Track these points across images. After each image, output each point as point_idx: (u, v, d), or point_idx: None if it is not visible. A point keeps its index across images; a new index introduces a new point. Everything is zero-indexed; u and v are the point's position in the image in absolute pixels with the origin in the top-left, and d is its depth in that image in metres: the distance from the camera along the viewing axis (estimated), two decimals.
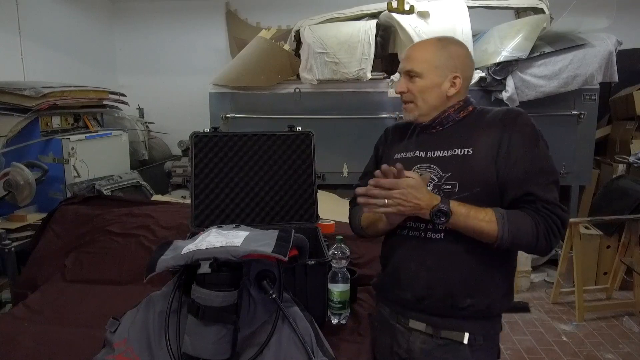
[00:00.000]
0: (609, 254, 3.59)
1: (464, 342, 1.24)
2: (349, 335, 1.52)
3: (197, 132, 1.85)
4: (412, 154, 1.33)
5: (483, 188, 1.20)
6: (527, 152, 1.19)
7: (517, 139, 1.20)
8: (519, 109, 1.29)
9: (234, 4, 5.10)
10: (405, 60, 1.31)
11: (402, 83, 1.31)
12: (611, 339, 2.98)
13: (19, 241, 2.55)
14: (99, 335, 1.28)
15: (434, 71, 1.27)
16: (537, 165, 1.19)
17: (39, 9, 4.00)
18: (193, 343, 1.09)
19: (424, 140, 1.33)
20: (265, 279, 1.19)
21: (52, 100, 3.13)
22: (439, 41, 1.31)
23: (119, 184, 3.40)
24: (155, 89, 5.12)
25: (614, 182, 3.77)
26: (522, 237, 1.16)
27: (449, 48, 1.30)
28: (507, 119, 1.23)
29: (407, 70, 1.30)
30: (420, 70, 1.27)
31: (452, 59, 1.28)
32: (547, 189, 1.18)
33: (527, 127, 1.22)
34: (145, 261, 1.21)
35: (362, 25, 3.69)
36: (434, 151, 1.29)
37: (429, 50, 1.29)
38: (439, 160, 1.27)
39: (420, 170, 1.28)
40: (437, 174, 1.26)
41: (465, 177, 1.22)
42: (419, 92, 1.29)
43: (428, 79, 1.27)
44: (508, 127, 1.21)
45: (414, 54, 1.31)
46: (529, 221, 1.16)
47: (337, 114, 3.77)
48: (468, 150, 1.24)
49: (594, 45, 3.51)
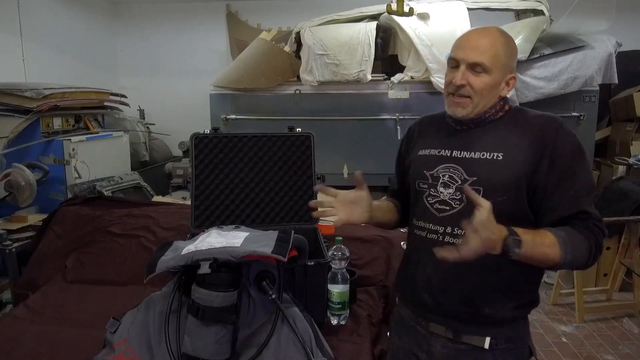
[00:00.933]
0: (609, 256, 3.59)
1: (485, 347, 1.19)
2: (348, 335, 1.52)
3: (198, 133, 1.86)
4: (436, 151, 1.25)
5: (509, 197, 1.13)
6: (576, 167, 1.13)
7: (563, 152, 1.12)
8: (560, 118, 1.19)
9: (235, 5, 5.11)
10: (471, 50, 1.15)
11: (463, 75, 1.16)
12: (611, 340, 2.98)
13: (20, 242, 2.56)
14: (99, 336, 1.28)
15: (501, 69, 1.17)
16: (586, 182, 1.14)
17: (40, 11, 4.02)
18: (193, 343, 1.09)
19: (450, 138, 1.24)
20: (264, 279, 1.20)
21: (53, 101, 3.14)
22: (502, 34, 1.18)
23: (119, 185, 3.41)
24: (156, 91, 5.14)
25: (614, 183, 3.77)
26: (579, 258, 1.10)
27: (509, 44, 1.19)
28: (549, 129, 1.15)
29: (474, 62, 1.15)
30: (490, 65, 1.14)
31: (512, 57, 1.20)
32: (593, 205, 1.13)
33: (572, 139, 1.15)
34: (145, 262, 1.21)
35: (362, 27, 3.70)
36: (461, 151, 1.20)
37: (497, 45, 1.16)
38: (464, 162, 1.19)
39: (443, 170, 1.21)
40: (460, 176, 1.18)
41: (492, 183, 1.14)
42: (481, 89, 1.16)
43: (494, 77, 1.16)
44: (550, 137, 1.13)
45: (482, 45, 1.15)
46: (584, 240, 1.10)
47: (337, 115, 3.77)
48: (498, 155, 1.15)
49: (593, 47, 3.52)
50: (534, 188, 1.13)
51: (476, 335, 1.20)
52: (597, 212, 1.13)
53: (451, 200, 1.19)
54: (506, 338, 1.21)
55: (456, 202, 1.19)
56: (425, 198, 1.24)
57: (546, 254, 1.06)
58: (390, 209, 1.40)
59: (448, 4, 3.68)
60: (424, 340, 1.27)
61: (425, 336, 1.27)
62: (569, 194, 1.11)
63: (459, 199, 1.18)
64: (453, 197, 1.19)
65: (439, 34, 3.53)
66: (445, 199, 1.20)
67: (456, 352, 1.22)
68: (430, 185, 1.23)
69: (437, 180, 1.22)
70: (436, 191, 1.22)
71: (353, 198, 1.22)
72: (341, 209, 1.21)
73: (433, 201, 1.22)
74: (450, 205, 1.19)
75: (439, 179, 1.22)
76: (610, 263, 3.55)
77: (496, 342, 1.19)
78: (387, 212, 1.39)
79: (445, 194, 1.20)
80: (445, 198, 1.20)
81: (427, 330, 1.27)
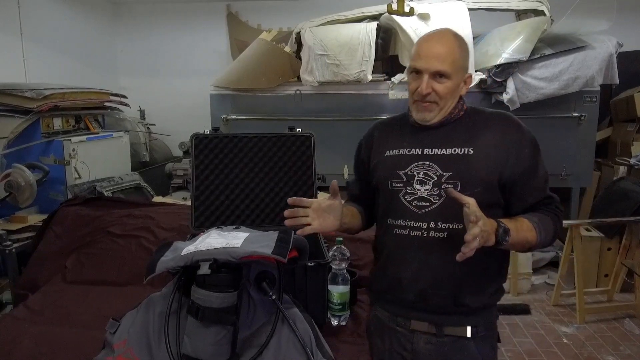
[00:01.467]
0: (610, 256, 3.59)
1: (468, 336, 1.25)
2: (348, 336, 1.52)
3: (198, 133, 1.85)
4: (406, 151, 1.30)
5: (484, 188, 1.21)
6: (536, 160, 1.26)
7: (526, 148, 1.24)
8: (510, 114, 1.32)
9: (235, 6, 5.11)
10: (433, 59, 1.21)
11: (428, 83, 1.22)
12: (612, 341, 2.97)
13: (20, 242, 2.56)
14: (99, 336, 1.28)
15: (459, 71, 1.25)
16: (544, 171, 1.27)
17: (40, 11, 4.02)
18: (193, 344, 1.09)
19: (418, 137, 1.30)
20: (264, 280, 1.19)
21: (53, 101, 3.14)
22: (456, 38, 1.26)
23: (119, 186, 3.41)
24: (157, 91, 5.13)
25: (614, 184, 3.76)
26: (549, 238, 1.24)
27: (463, 46, 1.26)
28: (510, 126, 1.26)
29: (437, 71, 1.21)
30: (451, 71, 1.22)
31: (467, 58, 1.28)
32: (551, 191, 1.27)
33: (529, 135, 1.27)
34: (145, 262, 1.21)
35: (362, 28, 3.70)
36: (432, 149, 1.27)
37: (455, 50, 1.23)
38: (438, 159, 1.25)
39: (417, 168, 1.26)
40: (435, 172, 1.24)
41: (467, 176, 1.22)
42: (445, 94, 1.23)
43: (455, 81, 1.24)
44: (512, 134, 1.25)
45: (442, 53, 1.21)
46: (551, 222, 1.25)
47: (338, 115, 3.77)
48: (469, 150, 1.24)
49: (594, 48, 3.51)
50: (504, 180, 1.23)
51: (458, 326, 1.26)
52: (556, 196, 1.28)
53: (429, 196, 1.24)
54: (485, 325, 1.28)
55: (435, 197, 1.24)
56: (402, 197, 1.27)
57: (526, 238, 1.19)
58: (355, 214, 1.43)
59: (449, 5, 3.67)
60: (406, 339, 1.31)
61: (406, 335, 1.31)
62: (534, 185, 1.25)
63: (437, 194, 1.23)
64: (431, 193, 1.24)
65: None
66: (424, 195, 1.25)
67: (440, 345, 1.27)
68: (405, 183, 1.28)
69: (412, 178, 1.27)
70: (413, 189, 1.26)
71: (326, 207, 1.24)
72: (315, 218, 1.22)
73: (411, 199, 1.26)
74: (429, 201, 1.24)
75: (414, 177, 1.26)
76: (611, 264, 3.54)
77: (477, 330, 1.26)
78: (353, 218, 1.42)
79: (422, 190, 1.25)
80: (424, 195, 1.25)
81: (408, 329, 1.30)
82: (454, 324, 1.26)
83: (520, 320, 3.25)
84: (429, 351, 1.27)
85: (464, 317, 1.26)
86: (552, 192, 1.28)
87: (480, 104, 3.65)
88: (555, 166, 3.71)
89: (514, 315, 3.30)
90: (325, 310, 1.54)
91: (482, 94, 3.66)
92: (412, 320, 1.29)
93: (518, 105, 3.54)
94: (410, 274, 1.26)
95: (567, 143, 3.71)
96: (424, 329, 1.28)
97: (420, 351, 1.28)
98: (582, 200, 3.96)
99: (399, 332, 1.32)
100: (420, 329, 1.28)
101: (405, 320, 1.30)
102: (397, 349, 1.32)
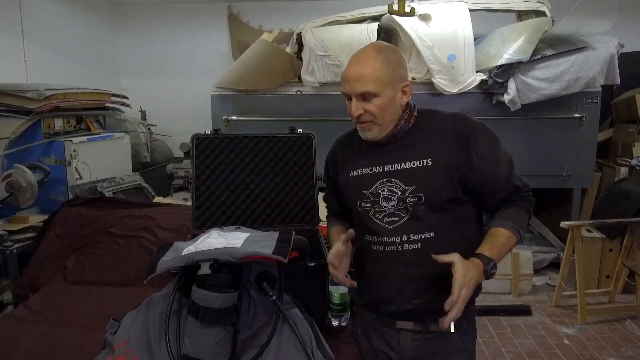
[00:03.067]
0: (612, 257, 3.58)
1: (452, 331, 1.27)
2: (349, 337, 1.52)
3: (199, 133, 1.85)
4: (368, 170, 1.31)
5: (448, 197, 1.23)
6: (496, 152, 1.26)
7: (482, 145, 1.24)
8: (463, 112, 1.31)
9: (236, 7, 5.12)
10: (355, 83, 1.23)
11: (356, 105, 1.24)
12: (613, 342, 2.97)
13: (21, 243, 2.56)
14: (99, 337, 1.28)
15: (388, 86, 1.23)
16: (507, 161, 1.27)
17: (42, 12, 4.02)
18: (193, 344, 1.09)
19: (377, 154, 1.30)
20: (265, 280, 1.19)
21: (55, 102, 3.14)
22: (378, 53, 1.24)
23: (120, 186, 3.41)
24: (158, 92, 5.14)
25: (616, 185, 3.76)
26: (525, 227, 1.28)
27: (390, 58, 1.25)
28: (461, 128, 1.25)
29: (361, 93, 1.23)
30: (375, 89, 1.21)
31: (397, 69, 1.25)
32: (518, 176, 1.29)
33: (482, 128, 1.27)
34: (146, 263, 1.21)
35: (363, 28, 3.70)
36: (392, 164, 1.27)
37: (377, 68, 1.22)
38: (399, 173, 1.26)
39: (381, 185, 1.27)
40: (398, 187, 1.25)
41: (430, 187, 1.23)
42: (378, 111, 1.23)
43: (384, 96, 1.23)
44: (465, 132, 1.24)
45: (363, 74, 1.22)
46: (524, 212, 1.28)
47: (339, 116, 3.75)
48: (427, 160, 1.24)
49: (595, 48, 3.51)
50: (466, 179, 1.24)
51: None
52: (522, 180, 1.30)
53: (397, 211, 1.26)
54: (467, 319, 1.30)
55: (402, 211, 1.25)
56: (372, 215, 1.29)
57: (509, 248, 1.24)
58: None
59: (450, 5, 3.67)
60: (392, 338, 1.33)
61: (392, 334, 1.33)
62: (501, 178, 1.26)
63: (404, 209, 1.25)
64: (399, 208, 1.25)
65: (441, 35, 3.53)
66: (392, 211, 1.26)
67: (426, 341, 1.30)
68: (372, 202, 1.29)
69: (378, 196, 1.27)
70: (380, 207, 1.27)
71: (344, 252, 1.27)
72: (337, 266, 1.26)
73: (381, 216, 1.28)
74: (398, 216, 1.26)
75: (379, 195, 1.27)
76: (612, 265, 3.54)
77: (459, 324, 1.28)
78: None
79: (389, 207, 1.26)
80: (392, 210, 1.26)
81: (393, 329, 1.32)
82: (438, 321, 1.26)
83: (522, 321, 3.24)
84: (415, 348, 1.31)
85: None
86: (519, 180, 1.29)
87: (482, 104, 3.65)
88: (557, 167, 3.71)
89: (515, 316, 3.30)
90: (325, 311, 1.54)
91: (483, 94, 3.66)
92: (397, 320, 1.32)
93: (519, 106, 3.53)
94: (393, 288, 1.29)
95: (569, 144, 3.70)
96: (410, 327, 1.31)
97: (406, 349, 1.31)
98: (583, 201, 3.95)
99: (384, 332, 1.34)
100: (406, 328, 1.31)
101: (391, 321, 1.33)
102: (384, 349, 1.35)
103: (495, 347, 2.89)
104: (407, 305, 1.28)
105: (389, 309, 1.31)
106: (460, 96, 3.56)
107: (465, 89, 3.54)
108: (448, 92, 3.52)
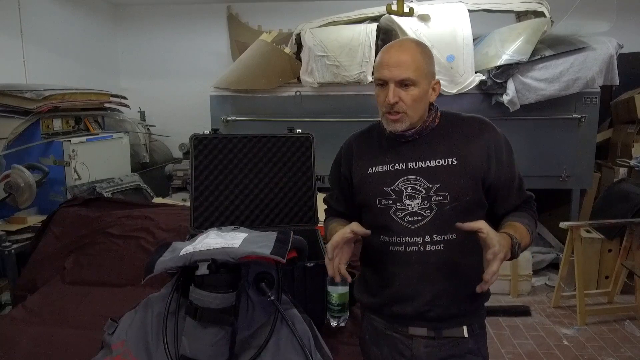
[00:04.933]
0: (611, 258, 3.58)
1: (465, 336, 1.27)
2: (347, 338, 1.51)
3: (197, 134, 1.85)
4: (390, 166, 1.28)
5: (471, 196, 1.23)
6: (513, 162, 1.29)
7: (504, 152, 1.27)
8: (483, 117, 1.32)
9: (236, 7, 5.12)
10: (395, 68, 1.20)
11: (394, 91, 1.20)
12: (613, 343, 2.97)
13: (19, 243, 2.55)
14: (97, 337, 1.27)
15: (425, 78, 1.23)
16: (519, 173, 1.31)
17: (41, 13, 4.02)
18: (191, 345, 1.08)
19: (398, 151, 1.28)
20: (263, 280, 1.19)
21: (53, 102, 3.14)
22: (418, 45, 1.25)
23: (119, 187, 3.41)
24: (157, 92, 5.14)
25: (615, 185, 3.76)
26: (535, 235, 1.28)
27: (426, 52, 1.25)
28: (486, 132, 1.27)
29: (402, 79, 1.20)
30: (416, 77, 1.20)
31: (432, 64, 1.26)
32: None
33: (504, 137, 1.29)
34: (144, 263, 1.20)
35: (362, 29, 3.70)
36: (416, 162, 1.25)
37: (417, 57, 1.21)
38: (423, 171, 1.24)
39: (404, 183, 1.25)
40: (423, 185, 1.23)
41: (456, 186, 1.22)
42: (412, 102, 1.21)
43: (421, 88, 1.22)
44: (490, 138, 1.26)
45: (404, 60, 1.20)
46: (532, 219, 1.29)
47: (338, 116, 3.76)
48: (452, 160, 1.24)
49: (594, 49, 3.51)
50: (488, 184, 1.26)
51: (455, 327, 1.28)
52: (530, 192, 1.34)
53: (420, 210, 1.23)
54: (478, 323, 1.31)
55: (426, 210, 1.23)
56: (393, 213, 1.26)
57: (527, 243, 1.23)
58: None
59: (449, 6, 3.67)
60: (404, 345, 1.30)
61: (404, 341, 1.30)
62: (515, 187, 1.30)
63: (428, 207, 1.23)
64: (422, 207, 1.23)
65: (440, 35, 3.53)
66: (415, 210, 1.24)
67: (439, 347, 1.28)
68: (394, 200, 1.25)
69: (401, 194, 1.25)
70: (403, 204, 1.24)
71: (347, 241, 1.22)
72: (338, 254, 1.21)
73: (402, 215, 1.25)
74: (421, 215, 1.23)
75: (402, 192, 1.25)
76: (611, 265, 3.54)
77: (472, 329, 1.28)
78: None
79: (412, 205, 1.24)
80: (415, 209, 1.24)
81: (406, 335, 1.29)
82: (451, 326, 1.27)
83: (521, 322, 3.24)
84: (428, 354, 1.27)
85: (460, 319, 1.28)
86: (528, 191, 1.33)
87: (481, 105, 3.65)
88: (556, 168, 3.71)
89: (515, 317, 3.30)
90: (324, 311, 1.53)
91: (482, 95, 3.66)
92: (409, 327, 1.29)
93: (518, 107, 3.53)
94: (411, 290, 1.25)
95: (568, 144, 3.71)
96: (423, 333, 1.27)
97: (419, 355, 1.28)
98: (582, 202, 3.95)
99: (396, 339, 1.31)
100: (419, 334, 1.28)
101: (403, 327, 1.29)
102: (396, 357, 1.31)
103: (495, 348, 2.89)
104: (424, 307, 1.24)
105: (403, 310, 1.26)
106: (459, 97, 3.56)
107: (464, 89, 3.54)
108: (447, 92, 3.52)
